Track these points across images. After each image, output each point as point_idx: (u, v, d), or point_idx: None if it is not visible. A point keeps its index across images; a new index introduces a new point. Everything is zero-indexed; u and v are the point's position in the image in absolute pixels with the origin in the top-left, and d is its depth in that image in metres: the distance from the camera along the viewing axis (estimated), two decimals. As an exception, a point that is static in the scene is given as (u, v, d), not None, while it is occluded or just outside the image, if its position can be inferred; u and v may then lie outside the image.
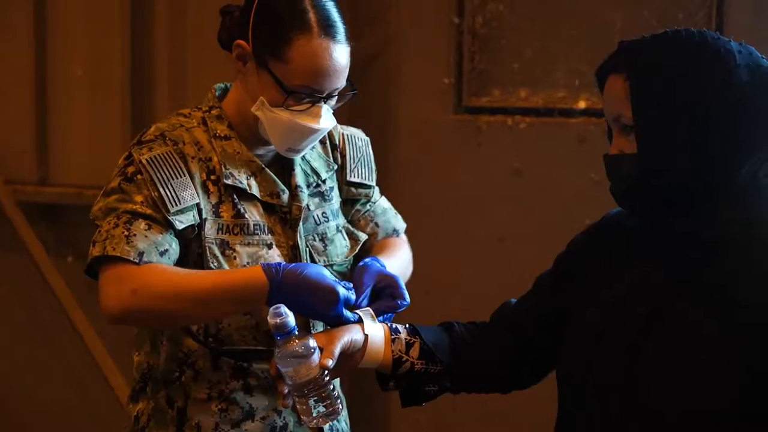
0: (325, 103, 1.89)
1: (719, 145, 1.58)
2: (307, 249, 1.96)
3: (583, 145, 3.11)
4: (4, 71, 3.91)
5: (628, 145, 1.62)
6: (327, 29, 1.86)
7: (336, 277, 1.90)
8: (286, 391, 1.70)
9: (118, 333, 3.09)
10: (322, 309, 1.77)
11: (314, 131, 1.90)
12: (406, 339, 1.82)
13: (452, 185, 3.27)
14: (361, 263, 1.90)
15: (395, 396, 1.88)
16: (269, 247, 1.91)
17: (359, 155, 2.08)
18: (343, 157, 2.06)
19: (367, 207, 2.10)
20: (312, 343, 1.69)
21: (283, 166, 1.99)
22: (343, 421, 2.06)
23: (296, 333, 1.68)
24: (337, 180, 2.06)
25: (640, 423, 1.58)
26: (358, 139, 2.09)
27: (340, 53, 1.87)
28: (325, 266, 1.93)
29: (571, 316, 1.74)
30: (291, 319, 1.67)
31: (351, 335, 1.76)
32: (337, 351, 1.72)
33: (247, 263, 1.88)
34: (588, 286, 1.73)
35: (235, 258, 1.88)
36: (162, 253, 1.81)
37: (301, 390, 1.69)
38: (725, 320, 1.56)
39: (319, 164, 2.03)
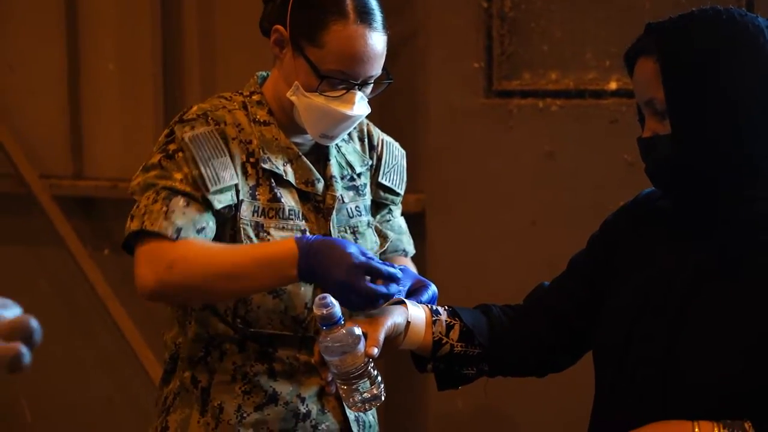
0: (359, 90, 1.90)
1: (753, 121, 1.57)
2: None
3: (615, 126, 3.09)
4: (38, 68, 3.95)
5: (662, 127, 1.62)
6: (363, 16, 1.88)
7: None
8: (330, 378, 1.71)
9: (156, 325, 3.11)
10: (337, 275, 1.72)
11: (347, 117, 1.90)
12: (446, 321, 1.82)
13: (484, 169, 3.26)
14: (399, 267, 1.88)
15: (432, 382, 1.88)
16: (303, 232, 1.92)
17: (394, 162, 2.10)
18: (379, 159, 2.07)
19: (387, 218, 2.10)
20: (357, 330, 1.67)
21: (319, 157, 2.00)
22: (371, 414, 2.06)
23: (342, 323, 1.67)
24: (370, 179, 2.06)
25: (681, 399, 1.58)
26: (395, 149, 2.11)
27: (376, 40, 1.89)
28: None
29: (607, 296, 1.74)
30: (338, 309, 1.66)
31: (394, 319, 1.75)
32: (381, 337, 1.71)
33: None
34: (623, 265, 1.73)
35: (268, 241, 1.89)
36: (199, 231, 1.83)
37: (345, 377, 1.68)
38: (765, 296, 1.55)
39: (354, 158, 2.04)
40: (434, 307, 1.83)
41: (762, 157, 1.59)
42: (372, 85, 1.93)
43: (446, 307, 1.85)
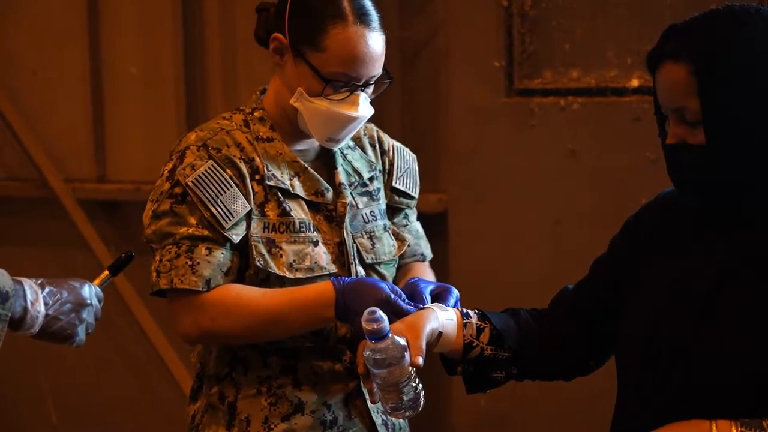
0: (362, 91, 1.91)
1: None
2: (355, 246, 1.97)
3: (637, 124, 3.08)
4: (61, 72, 3.97)
5: (691, 135, 1.58)
6: (362, 17, 1.89)
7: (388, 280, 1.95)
8: (375, 389, 1.72)
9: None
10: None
11: (353, 119, 1.92)
12: (477, 324, 1.82)
13: (506, 168, 3.26)
14: (411, 280, 1.91)
15: (457, 382, 1.88)
16: (315, 244, 1.93)
17: (406, 167, 2.10)
18: (392, 164, 2.08)
19: (404, 222, 2.10)
20: (402, 341, 1.68)
21: (326, 165, 2.01)
22: None
23: (390, 336, 1.67)
24: (383, 184, 2.07)
25: (702, 397, 1.57)
26: (406, 153, 2.12)
27: (376, 41, 1.90)
28: (373, 263, 1.98)
29: (631, 292, 1.73)
30: (386, 323, 1.66)
31: (431, 325, 1.76)
32: (424, 346, 1.72)
33: (293, 261, 1.91)
34: (646, 260, 1.72)
35: (281, 256, 1.91)
36: (226, 273, 1.88)
37: (391, 387, 1.69)
38: None
39: (361, 164, 2.04)
40: (464, 311, 1.84)
41: None
42: (374, 85, 1.94)
43: (476, 310, 1.85)
